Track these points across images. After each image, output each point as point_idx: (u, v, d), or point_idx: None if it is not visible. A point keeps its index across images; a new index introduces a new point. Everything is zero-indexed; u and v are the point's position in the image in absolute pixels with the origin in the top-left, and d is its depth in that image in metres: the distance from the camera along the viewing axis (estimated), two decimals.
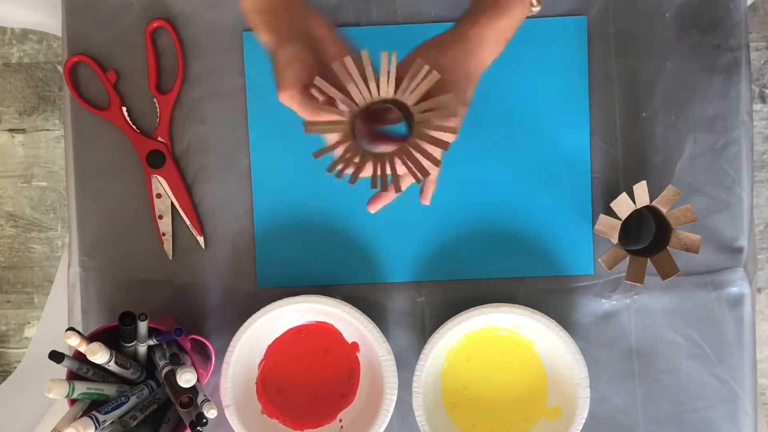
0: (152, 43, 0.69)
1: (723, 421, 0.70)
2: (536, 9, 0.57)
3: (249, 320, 0.65)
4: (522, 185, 0.69)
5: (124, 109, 0.69)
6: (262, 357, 0.69)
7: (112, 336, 0.61)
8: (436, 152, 0.51)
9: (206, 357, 0.68)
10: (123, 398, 0.59)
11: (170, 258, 0.70)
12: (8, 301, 1.37)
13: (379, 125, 0.54)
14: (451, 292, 0.70)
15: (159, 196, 0.69)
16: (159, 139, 0.69)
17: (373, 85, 0.49)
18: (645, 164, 0.69)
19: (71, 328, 0.55)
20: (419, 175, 0.50)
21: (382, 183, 0.50)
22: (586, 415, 0.65)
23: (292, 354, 0.69)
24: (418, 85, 0.49)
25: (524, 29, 0.68)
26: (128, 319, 0.59)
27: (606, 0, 0.69)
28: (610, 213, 0.62)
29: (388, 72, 0.48)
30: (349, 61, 0.48)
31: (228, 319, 0.70)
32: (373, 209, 0.60)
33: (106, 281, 0.70)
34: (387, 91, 0.49)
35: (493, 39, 0.55)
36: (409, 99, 0.49)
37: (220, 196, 0.70)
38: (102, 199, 0.70)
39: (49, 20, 0.81)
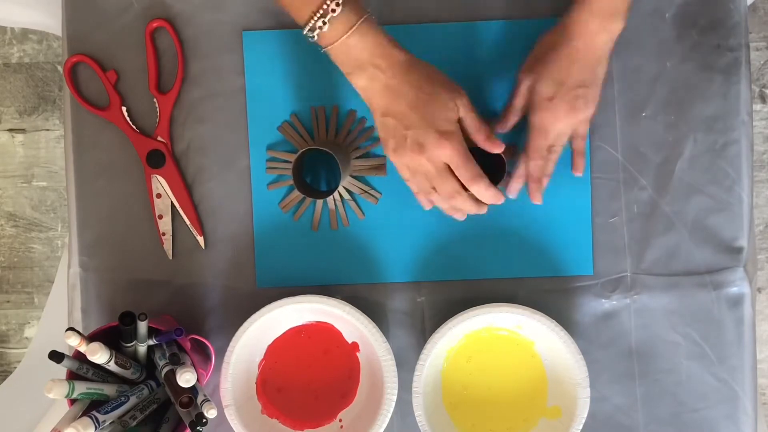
0: (152, 43, 0.69)
1: (723, 421, 0.70)
2: None
3: (249, 320, 0.65)
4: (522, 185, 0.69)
5: (124, 109, 0.69)
6: (262, 357, 0.69)
7: (112, 336, 0.61)
8: None
9: (206, 357, 0.68)
10: (123, 398, 0.59)
11: (170, 258, 0.70)
12: (8, 301, 1.37)
13: None
14: (451, 292, 0.70)
15: (159, 196, 0.69)
16: (159, 139, 0.69)
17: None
18: (645, 164, 0.69)
19: (71, 328, 0.55)
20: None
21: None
22: (586, 415, 0.65)
23: (292, 354, 0.69)
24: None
25: (525, 30, 0.69)
26: (128, 319, 0.59)
27: None
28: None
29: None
30: None
31: (228, 319, 0.70)
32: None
33: (106, 281, 0.70)
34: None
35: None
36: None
37: (220, 196, 0.70)
38: (102, 199, 0.70)
39: (49, 20, 0.81)
